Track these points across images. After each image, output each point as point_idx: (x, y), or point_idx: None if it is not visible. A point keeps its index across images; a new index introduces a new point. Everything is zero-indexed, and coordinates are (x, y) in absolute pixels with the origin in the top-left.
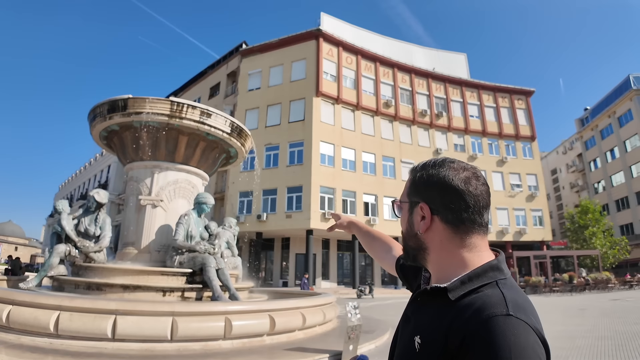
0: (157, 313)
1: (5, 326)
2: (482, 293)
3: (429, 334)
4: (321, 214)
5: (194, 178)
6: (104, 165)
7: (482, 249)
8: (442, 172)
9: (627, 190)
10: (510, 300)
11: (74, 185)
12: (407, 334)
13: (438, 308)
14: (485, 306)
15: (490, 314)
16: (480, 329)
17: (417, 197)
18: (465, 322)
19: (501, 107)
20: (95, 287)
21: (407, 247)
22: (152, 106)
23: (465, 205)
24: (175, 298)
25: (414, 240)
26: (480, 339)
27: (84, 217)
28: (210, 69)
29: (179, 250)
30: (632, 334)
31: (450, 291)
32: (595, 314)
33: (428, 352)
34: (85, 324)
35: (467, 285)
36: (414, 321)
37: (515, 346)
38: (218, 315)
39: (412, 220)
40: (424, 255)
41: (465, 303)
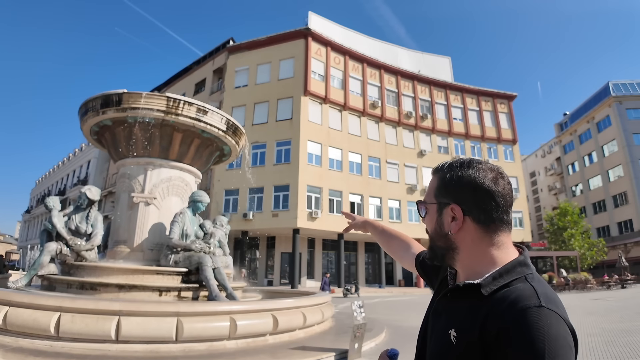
0: (162, 314)
1: (2, 328)
2: (514, 287)
3: (465, 328)
4: (308, 213)
5: (187, 176)
6: (83, 160)
7: (509, 245)
8: (471, 173)
9: (604, 194)
10: (542, 293)
11: (52, 181)
12: (441, 329)
13: (471, 303)
14: (519, 299)
15: (524, 305)
16: (515, 320)
17: (447, 198)
18: (500, 315)
19: (484, 110)
20: (89, 286)
21: (436, 247)
22: (147, 102)
23: (495, 205)
24: (172, 298)
25: (443, 240)
26: (515, 330)
27: (74, 215)
28: (195, 64)
29: (174, 249)
30: (619, 331)
31: (483, 287)
32: (579, 313)
33: (464, 343)
34: (88, 325)
35: (499, 280)
36: (446, 316)
37: (549, 335)
38: (223, 315)
39: (441, 221)
40: (452, 254)
41: (499, 297)
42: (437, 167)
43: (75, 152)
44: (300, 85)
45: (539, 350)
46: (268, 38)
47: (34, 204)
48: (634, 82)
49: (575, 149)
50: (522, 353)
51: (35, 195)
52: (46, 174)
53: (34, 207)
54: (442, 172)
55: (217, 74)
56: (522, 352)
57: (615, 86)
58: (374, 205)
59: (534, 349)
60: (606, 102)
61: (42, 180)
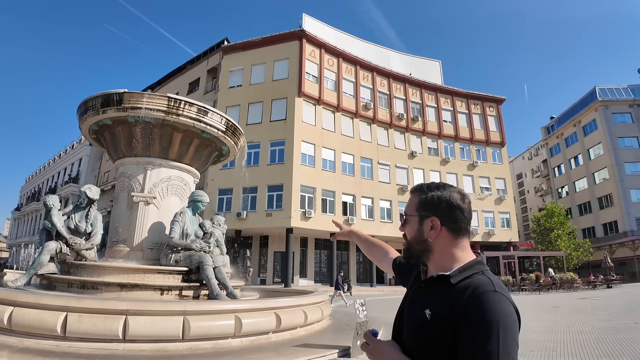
0: (169, 312)
1: (7, 329)
2: (475, 278)
3: (438, 308)
4: (301, 212)
5: (186, 175)
6: (75, 158)
7: (469, 249)
8: (445, 193)
9: (590, 196)
10: (495, 282)
11: (42, 178)
12: (417, 310)
13: (442, 290)
14: (479, 286)
15: (483, 290)
16: (477, 301)
17: (428, 212)
18: (466, 298)
19: (473, 113)
20: (91, 285)
21: (413, 250)
22: (148, 102)
23: (463, 217)
24: (173, 297)
25: (422, 244)
26: (477, 308)
27: (74, 213)
28: (189, 64)
29: (174, 248)
30: (608, 329)
31: (452, 277)
32: (568, 311)
33: (438, 319)
34: (96, 325)
35: (463, 273)
36: (421, 301)
37: (501, 312)
38: (228, 314)
39: (422, 229)
40: (428, 255)
41: (464, 285)
42: (416, 188)
43: (67, 149)
44: (294, 86)
45: (494, 322)
46: (263, 39)
47: (24, 202)
48: (620, 87)
49: (562, 151)
50: (483, 324)
51: (25, 192)
52: (36, 172)
53: (24, 204)
54: (422, 192)
55: (211, 74)
56: (482, 323)
57: (602, 91)
58: (365, 205)
59: (491, 321)
60: (593, 106)
61: (32, 178)
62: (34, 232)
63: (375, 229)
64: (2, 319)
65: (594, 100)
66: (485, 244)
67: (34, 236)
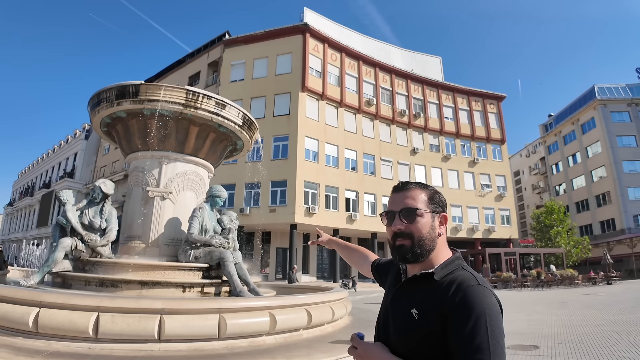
0: (204, 310)
1: (32, 332)
2: (457, 273)
3: (424, 306)
4: (305, 208)
5: (201, 170)
6: (69, 153)
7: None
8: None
9: (587, 193)
10: (477, 276)
11: (36, 173)
12: (402, 309)
13: (426, 287)
14: (463, 281)
15: (468, 284)
16: (463, 295)
17: (438, 207)
18: (452, 293)
19: (474, 110)
20: (110, 283)
21: (423, 249)
22: (166, 94)
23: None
24: (195, 294)
25: (433, 242)
26: (464, 302)
27: (87, 209)
28: (189, 57)
29: (193, 244)
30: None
31: (436, 274)
32: (577, 307)
33: (426, 317)
34: (130, 325)
35: (445, 269)
36: (405, 299)
37: (487, 303)
38: (262, 311)
39: (434, 225)
40: (429, 254)
41: (448, 281)
42: (413, 184)
43: (61, 144)
44: (297, 81)
45: (481, 313)
46: (265, 33)
47: (16, 197)
48: (618, 86)
49: (560, 149)
50: (471, 316)
51: (18, 187)
52: (29, 166)
53: (17, 199)
54: (427, 188)
55: (212, 67)
56: (471, 317)
57: (601, 89)
58: (368, 201)
59: (478, 313)
60: (591, 104)
61: (26, 172)
62: (28, 227)
63: (377, 225)
64: (27, 321)
65: (593, 98)
66: (485, 241)
67: (27, 232)
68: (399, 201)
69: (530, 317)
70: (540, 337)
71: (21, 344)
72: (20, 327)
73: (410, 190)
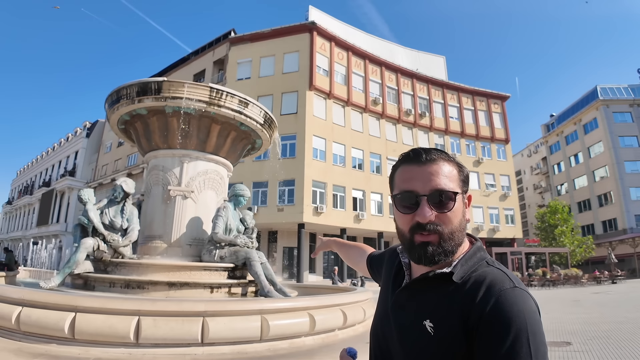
0: (246, 312)
1: (68, 338)
2: (483, 272)
3: (441, 316)
4: (313, 208)
5: (221, 169)
6: (70, 151)
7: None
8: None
9: (589, 193)
10: (510, 275)
11: (35, 172)
12: (411, 321)
13: (442, 291)
14: (494, 283)
15: (501, 288)
16: (496, 302)
17: (465, 187)
18: (481, 300)
19: (479, 110)
20: (136, 285)
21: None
22: (190, 91)
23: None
24: (223, 294)
25: (463, 233)
26: (498, 311)
27: (108, 208)
28: (194, 55)
29: (218, 244)
30: None
31: (455, 275)
32: (591, 305)
33: (445, 331)
34: (174, 329)
35: (465, 267)
36: (413, 307)
37: (527, 311)
38: (302, 311)
39: (464, 210)
40: (457, 250)
41: (472, 282)
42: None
43: (61, 142)
44: (305, 79)
45: (521, 328)
46: (272, 31)
47: (15, 195)
48: (620, 87)
49: (562, 149)
50: (510, 332)
51: (17, 186)
52: (28, 164)
53: (15, 198)
54: (454, 161)
55: (217, 65)
56: (509, 331)
57: (603, 90)
58: (375, 201)
59: (518, 328)
60: (594, 105)
61: (25, 171)
62: (27, 226)
63: (384, 224)
64: (63, 327)
65: (595, 99)
66: (490, 240)
67: (27, 231)
68: (425, 179)
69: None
70: (567, 334)
71: (57, 352)
72: (55, 333)
73: (440, 163)
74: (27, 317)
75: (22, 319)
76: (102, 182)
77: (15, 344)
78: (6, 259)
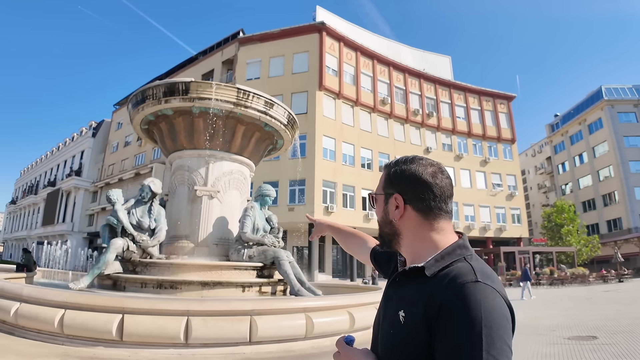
0: (291, 310)
1: (115, 340)
2: (454, 267)
3: (411, 307)
4: (324, 207)
5: (245, 169)
6: (76, 150)
7: (448, 231)
8: (412, 167)
9: (594, 193)
10: (478, 270)
11: (40, 171)
12: (392, 311)
13: (417, 284)
14: (457, 276)
15: (462, 281)
16: (454, 294)
17: (392, 189)
18: (441, 291)
19: (485, 110)
20: (169, 285)
21: (383, 234)
22: (218, 92)
23: (433, 195)
24: (254, 293)
25: (389, 227)
26: (454, 303)
27: (135, 208)
28: (202, 55)
29: (246, 243)
30: None
31: (427, 269)
32: (604, 302)
33: (412, 321)
34: (223, 328)
35: (440, 262)
36: (396, 299)
37: (485, 307)
38: (341, 309)
39: (387, 209)
40: (398, 240)
41: (440, 276)
42: (387, 163)
43: (66, 141)
44: (315, 79)
45: (475, 320)
46: (281, 31)
47: (19, 195)
48: (625, 87)
49: (566, 149)
50: (461, 324)
51: (21, 185)
52: (32, 164)
53: (19, 197)
54: (389, 167)
55: (226, 65)
56: (460, 322)
57: (608, 90)
58: None
59: (471, 319)
60: (599, 105)
61: (29, 170)
62: (32, 226)
63: None
64: (111, 329)
65: (600, 99)
66: (497, 240)
67: (31, 230)
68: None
69: (566, 312)
70: (591, 329)
71: (105, 354)
72: (102, 336)
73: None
74: (71, 320)
75: (66, 322)
76: (109, 182)
77: (60, 348)
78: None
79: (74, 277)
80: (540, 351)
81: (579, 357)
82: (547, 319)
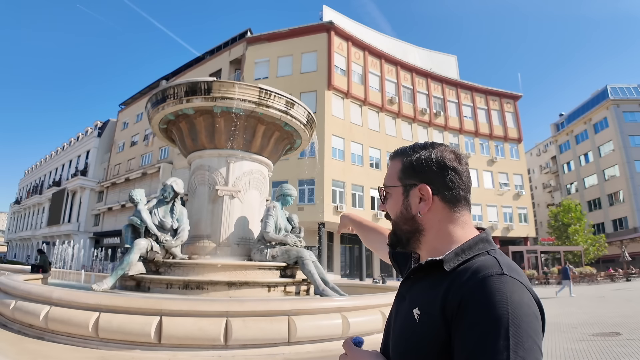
0: (327, 310)
1: (152, 343)
2: (477, 260)
3: (428, 304)
4: (333, 207)
5: (264, 169)
6: (81, 150)
7: (471, 225)
8: (437, 153)
9: (600, 192)
10: (504, 262)
11: (44, 171)
12: (405, 310)
13: (434, 280)
14: (480, 268)
15: (486, 274)
16: (476, 288)
17: (415, 179)
18: (461, 285)
19: (492, 109)
20: (195, 285)
21: (400, 232)
22: (241, 92)
23: (461, 183)
24: (279, 293)
25: (410, 223)
26: (477, 298)
27: (157, 208)
28: (209, 54)
29: (268, 243)
30: None
31: (445, 262)
32: (618, 301)
33: (428, 319)
34: (263, 329)
35: (461, 256)
36: (410, 297)
37: (512, 302)
38: (373, 309)
39: (408, 203)
40: (418, 237)
41: (460, 270)
42: (397, 151)
43: (71, 141)
44: (323, 79)
45: (502, 316)
46: (289, 30)
47: (23, 195)
48: (630, 87)
49: (572, 148)
50: (485, 320)
51: (25, 185)
52: (37, 164)
53: (24, 197)
54: (405, 155)
55: (234, 65)
56: (485, 319)
57: (614, 90)
58: None
59: (497, 315)
60: (604, 104)
61: (33, 170)
62: (37, 226)
63: None
64: (149, 332)
65: (606, 98)
66: (504, 239)
67: (36, 230)
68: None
69: (583, 310)
70: (612, 325)
71: (144, 358)
72: (139, 339)
73: (391, 162)
74: (107, 324)
75: (102, 326)
76: (116, 182)
77: (96, 352)
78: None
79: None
80: (570, 347)
81: (608, 352)
82: (566, 316)
